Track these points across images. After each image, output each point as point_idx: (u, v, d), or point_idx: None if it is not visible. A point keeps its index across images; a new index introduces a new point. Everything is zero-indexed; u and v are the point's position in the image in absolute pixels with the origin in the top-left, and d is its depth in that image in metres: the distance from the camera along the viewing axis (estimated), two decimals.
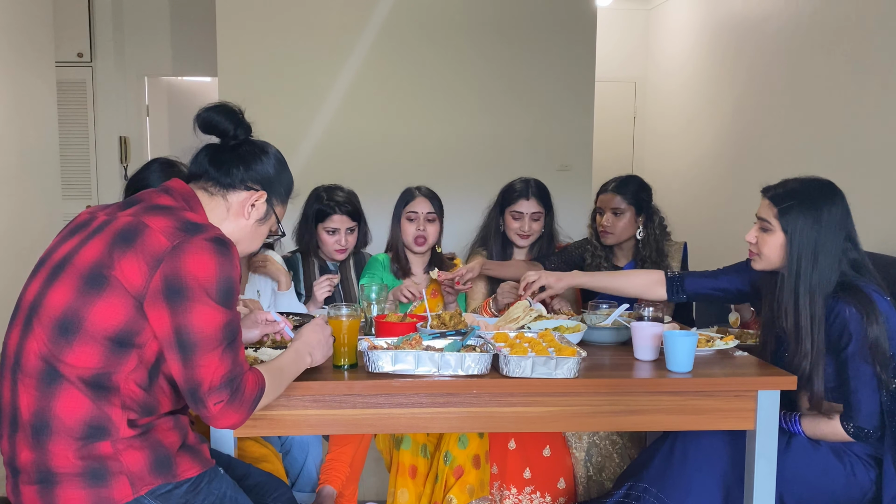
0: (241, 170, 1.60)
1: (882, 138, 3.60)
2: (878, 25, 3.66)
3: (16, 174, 3.90)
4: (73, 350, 1.40)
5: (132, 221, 1.45)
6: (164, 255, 1.39)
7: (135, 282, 1.39)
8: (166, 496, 1.44)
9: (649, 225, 2.80)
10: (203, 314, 1.40)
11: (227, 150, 1.62)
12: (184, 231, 1.43)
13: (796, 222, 1.92)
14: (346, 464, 2.38)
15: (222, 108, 1.61)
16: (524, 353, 1.84)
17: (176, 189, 1.57)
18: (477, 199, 3.11)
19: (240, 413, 1.45)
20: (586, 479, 2.43)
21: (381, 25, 5.21)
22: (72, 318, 1.40)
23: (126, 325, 1.40)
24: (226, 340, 1.43)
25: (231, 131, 1.61)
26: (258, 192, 1.62)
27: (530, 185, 2.81)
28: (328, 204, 2.73)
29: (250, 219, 1.63)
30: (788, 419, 1.97)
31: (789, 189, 1.97)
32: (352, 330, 1.86)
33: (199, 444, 1.56)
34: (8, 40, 3.74)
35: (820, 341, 1.89)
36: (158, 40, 5.92)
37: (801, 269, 1.91)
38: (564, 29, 5.32)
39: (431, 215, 2.74)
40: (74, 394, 1.40)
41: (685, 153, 6.10)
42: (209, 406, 1.42)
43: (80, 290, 1.41)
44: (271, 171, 1.65)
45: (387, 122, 5.29)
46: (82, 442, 1.40)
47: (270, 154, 1.67)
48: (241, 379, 1.45)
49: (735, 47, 5.22)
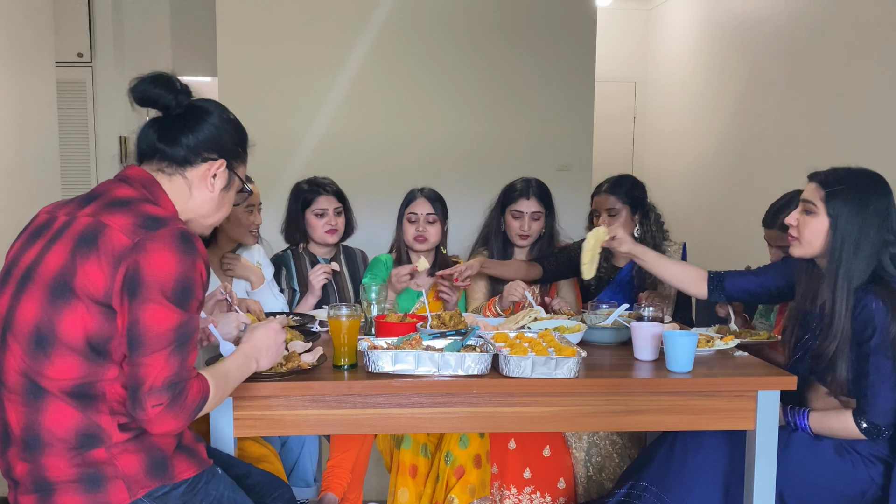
0: (191, 139, 1.52)
1: (882, 138, 3.60)
2: (879, 25, 3.66)
3: (16, 174, 3.89)
4: (53, 363, 1.37)
5: (91, 223, 1.41)
6: (125, 254, 1.36)
7: (98, 287, 1.36)
8: (163, 498, 1.43)
9: (646, 222, 2.80)
10: (155, 313, 1.35)
11: (172, 122, 1.53)
12: (144, 227, 1.38)
13: (843, 208, 1.89)
14: (347, 470, 2.36)
15: (158, 79, 1.52)
16: (524, 353, 1.84)
17: (134, 177, 1.51)
18: (477, 199, 3.11)
19: (178, 419, 1.38)
20: (586, 479, 2.43)
21: (381, 25, 5.21)
22: (45, 332, 1.37)
23: (97, 331, 1.37)
24: (175, 342, 1.37)
25: (172, 101, 1.52)
26: (216, 161, 1.55)
27: (531, 185, 2.81)
28: (313, 188, 2.77)
29: (215, 190, 1.57)
30: (795, 413, 1.95)
31: (839, 175, 1.95)
32: (352, 330, 1.85)
33: (195, 444, 1.54)
34: (8, 40, 3.73)
35: (848, 329, 1.87)
36: (158, 40, 5.92)
37: (843, 255, 1.88)
38: (564, 29, 5.32)
39: (432, 216, 2.74)
40: (61, 406, 1.38)
41: (685, 153, 6.10)
42: (147, 407, 1.35)
43: (48, 302, 1.38)
44: (222, 133, 1.57)
45: (387, 121, 5.29)
46: (75, 451, 1.39)
47: (217, 115, 1.58)
48: (185, 384, 1.38)
49: (735, 47, 5.21)
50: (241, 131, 1.63)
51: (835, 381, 1.90)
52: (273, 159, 4.93)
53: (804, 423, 1.93)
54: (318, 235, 2.77)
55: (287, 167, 4.99)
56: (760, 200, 2.78)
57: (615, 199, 2.77)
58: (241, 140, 1.63)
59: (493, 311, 2.57)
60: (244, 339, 1.66)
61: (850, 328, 1.87)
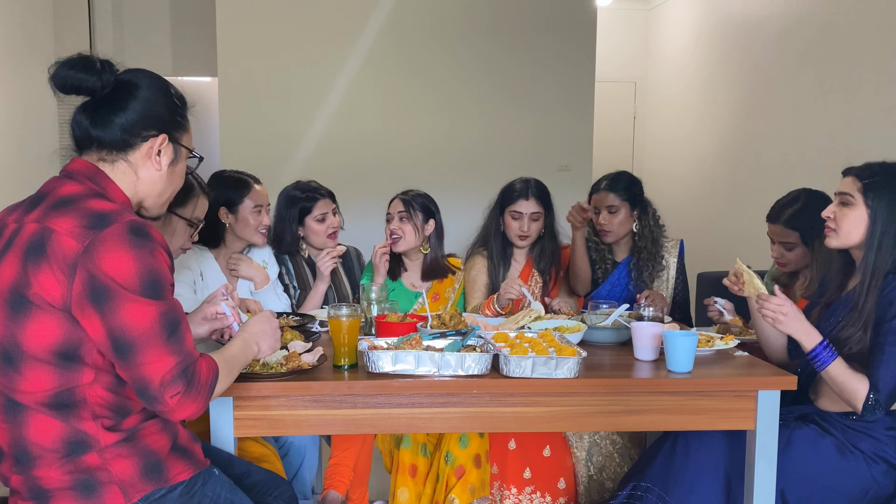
0: (122, 118, 1.43)
1: (882, 138, 3.60)
2: (878, 26, 3.66)
3: (16, 174, 3.89)
4: (24, 377, 1.35)
5: (37, 229, 1.35)
6: (77, 259, 1.30)
7: (55, 294, 1.31)
8: (160, 501, 1.42)
9: (644, 218, 2.82)
10: (133, 311, 1.32)
11: (101, 104, 1.44)
12: (91, 227, 1.32)
13: (881, 198, 1.91)
14: (349, 468, 2.37)
15: (78, 63, 1.41)
16: (524, 353, 1.84)
17: (78, 170, 1.44)
18: (477, 199, 3.11)
19: (198, 401, 1.38)
20: (587, 478, 2.44)
21: (381, 25, 5.21)
22: (9, 348, 1.35)
23: (64, 339, 1.34)
24: (166, 332, 1.35)
25: (96, 83, 1.42)
26: (157, 137, 1.47)
27: (530, 185, 2.80)
28: (308, 195, 2.74)
29: (162, 167, 1.49)
30: (829, 348, 1.89)
31: (874, 168, 1.97)
32: (352, 330, 1.85)
33: (191, 444, 1.53)
34: (8, 40, 3.73)
35: (872, 312, 1.89)
36: (158, 40, 5.92)
37: (883, 244, 1.90)
38: (564, 29, 5.32)
39: (403, 214, 2.73)
40: (42, 418, 1.36)
41: (685, 153, 6.10)
42: (166, 400, 1.34)
43: (7, 317, 1.34)
44: (157, 105, 1.47)
45: (387, 121, 5.29)
46: (66, 459, 1.38)
47: (144, 86, 1.47)
48: (193, 366, 1.37)
49: (735, 47, 5.22)
50: (175, 98, 1.52)
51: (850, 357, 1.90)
52: (273, 159, 4.94)
53: (828, 361, 1.88)
54: (321, 241, 2.75)
55: (287, 167, 4.99)
56: (760, 200, 2.79)
57: (614, 195, 2.79)
58: (177, 107, 1.52)
59: (493, 310, 2.57)
60: (241, 329, 1.65)
61: (874, 310, 1.89)
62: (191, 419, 1.44)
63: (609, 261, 2.87)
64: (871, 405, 1.86)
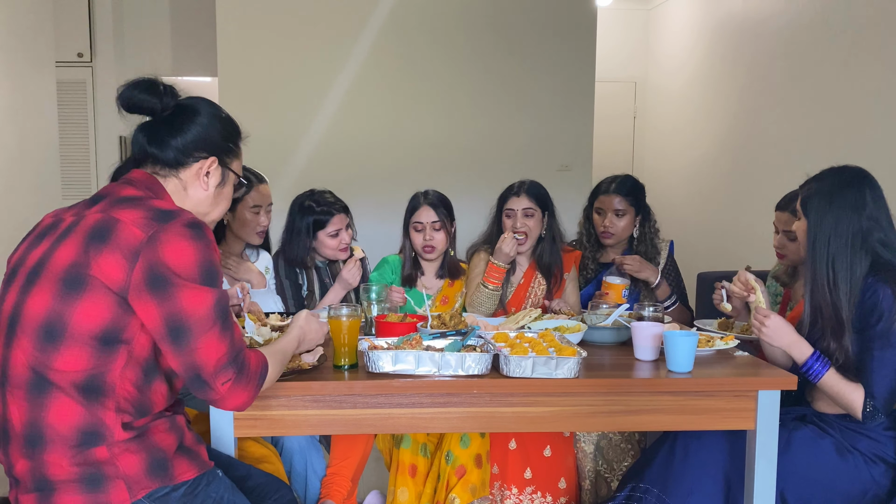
0: (178, 140, 1.54)
1: (881, 138, 3.60)
2: (878, 25, 3.66)
3: (16, 174, 3.89)
4: (61, 355, 1.38)
5: (102, 218, 1.42)
6: (140, 247, 1.38)
7: (115, 277, 1.37)
8: (163, 499, 1.43)
9: (646, 223, 2.82)
10: (192, 297, 1.39)
11: (160, 125, 1.55)
12: (156, 220, 1.41)
13: (812, 208, 1.98)
14: (347, 478, 2.33)
15: (143, 85, 1.53)
16: (524, 353, 1.85)
17: (138, 179, 1.54)
18: (477, 199, 3.11)
19: (248, 390, 1.46)
20: (594, 473, 2.44)
21: (381, 25, 5.21)
22: (55, 323, 1.38)
23: (111, 322, 1.38)
24: (220, 319, 1.42)
25: (157, 105, 1.54)
26: (207, 159, 1.57)
27: (523, 184, 2.78)
28: (324, 209, 2.70)
29: (209, 188, 1.59)
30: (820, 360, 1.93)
31: (813, 179, 2.05)
32: (352, 330, 1.85)
33: (196, 445, 1.54)
34: (8, 40, 3.74)
35: (845, 319, 1.90)
36: (158, 40, 5.92)
37: (816, 250, 1.95)
38: (564, 29, 5.32)
39: (437, 224, 2.72)
40: (66, 401, 1.38)
41: (685, 153, 6.10)
42: (217, 387, 1.42)
43: (59, 294, 1.38)
44: (211, 131, 1.58)
45: (387, 122, 5.29)
46: (77, 449, 1.38)
47: (203, 112, 1.59)
48: (243, 355, 1.46)
49: (735, 47, 5.22)
50: (231, 126, 1.64)
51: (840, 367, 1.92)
52: (273, 159, 4.94)
53: (822, 372, 1.92)
54: (331, 254, 2.74)
55: (287, 167, 4.99)
56: (760, 200, 2.80)
57: (622, 199, 2.78)
58: (231, 135, 1.63)
59: (496, 269, 2.60)
60: (293, 324, 1.77)
61: (856, 316, 1.90)
62: (240, 410, 1.49)
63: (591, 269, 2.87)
64: (870, 412, 1.88)
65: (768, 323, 1.96)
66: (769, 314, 1.97)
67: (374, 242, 3.13)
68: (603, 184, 2.87)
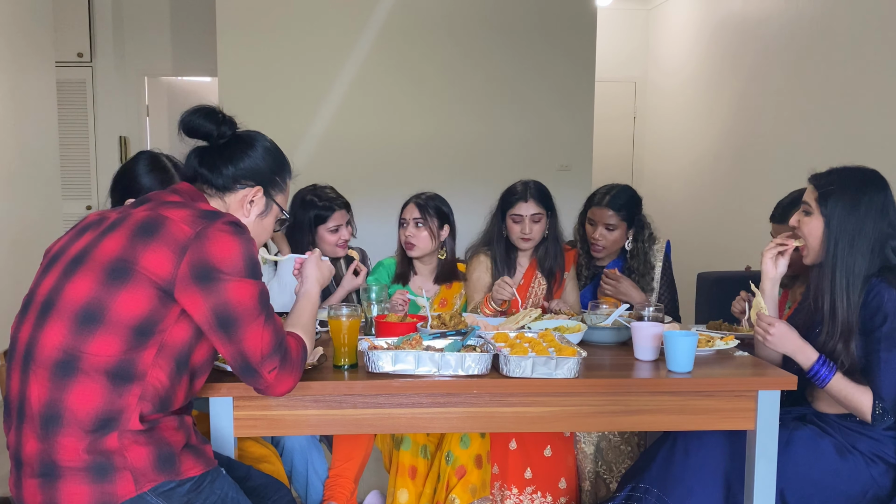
0: (230, 169, 1.63)
1: (882, 138, 3.60)
2: (878, 25, 3.66)
3: (16, 174, 3.89)
4: (96, 340, 1.41)
5: (151, 215, 1.49)
6: (188, 243, 1.44)
7: (161, 271, 1.43)
8: (169, 494, 1.44)
9: (639, 237, 2.80)
10: (238, 289, 1.47)
11: (214, 151, 1.65)
12: (203, 218, 1.48)
13: (835, 207, 1.92)
14: (350, 479, 2.34)
15: (202, 111, 1.63)
16: (524, 353, 1.85)
17: (184, 190, 1.62)
18: (476, 199, 3.11)
19: (293, 375, 1.56)
20: (594, 474, 2.44)
21: (381, 25, 5.21)
22: (95, 310, 1.41)
23: (150, 314, 1.43)
24: (265, 310, 1.51)
25: (214, 132, 1.63)
26: (253, 188, 1.65)
27: (529, 187, 2.77)
28: (325, 205, 2.72)
29: (251, 215, 1.67)
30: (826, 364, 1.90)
31: (832, 175, 1.98)
32: (352, 330, 1.85)
33: (202, 444, 1.56)
34: (8, 40, 3.74)
35: (854, 323, 1.88)
36: (158, 40, 5.93)
37: (838, 252, 1.90)
38: (564, 29, 5.33)
39: (418, 219, 2.72)
40: (90, 385, 1.40)
41: (685, 153, 6.10)
42: (265, 374, 1.51)
43: (102, 282, 1.43)
44: (261, 163, 1.67)
45: (387, 122, 5.29)
46: (92, 436, 1.39)
47: (258, 146, 1.68)
48: (286, 343, 1.55)
49: (735, 47, 5.22)
50: (281, 161, 1.73)
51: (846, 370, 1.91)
52: None
53: (828, 377, 1.89)
54: (330, 249, 2.74)
55: None
56: (760, 200, 2.79)
57: (614, 213, 2.75)
58: (279, 170, 1.71)
59: (491, 308, 2.57)
60: (298, 283, 1.83)
61: (859, 317, 1.89)
62: (286, 394, 1.58)
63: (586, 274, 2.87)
64: (880, 414, 1.87)
65: (773, 331, 1.93)
66: (773, 321, 1.94)
67: (374, 242, 3.13)
68: (598, 194, 2.83)
